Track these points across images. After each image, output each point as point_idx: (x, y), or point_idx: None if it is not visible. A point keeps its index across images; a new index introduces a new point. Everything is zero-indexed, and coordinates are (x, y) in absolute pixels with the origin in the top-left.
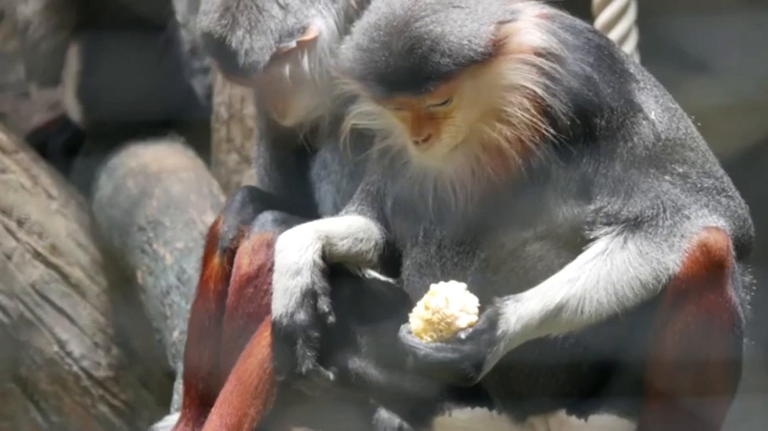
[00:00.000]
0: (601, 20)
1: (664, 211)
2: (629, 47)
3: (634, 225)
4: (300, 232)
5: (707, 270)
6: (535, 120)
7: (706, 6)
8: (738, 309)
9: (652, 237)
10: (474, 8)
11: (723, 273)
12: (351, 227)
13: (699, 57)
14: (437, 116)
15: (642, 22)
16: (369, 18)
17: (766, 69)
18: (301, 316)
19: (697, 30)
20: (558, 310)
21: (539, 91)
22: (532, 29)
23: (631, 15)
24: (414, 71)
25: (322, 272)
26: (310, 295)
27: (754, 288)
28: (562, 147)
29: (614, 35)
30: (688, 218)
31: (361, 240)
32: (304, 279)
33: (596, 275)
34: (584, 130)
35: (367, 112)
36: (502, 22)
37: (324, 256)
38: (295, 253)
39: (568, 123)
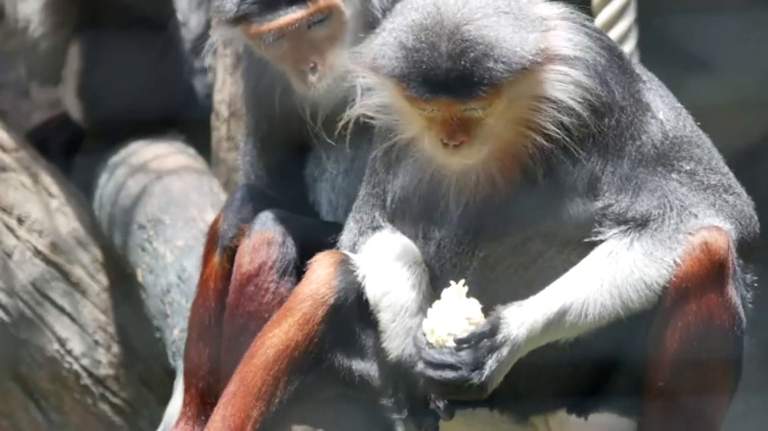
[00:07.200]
0: (601, 19)
1: (671, 210)
2: (629, 46)
3: (641, 224)
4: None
5: (708, 270)
6: (560, 130)
7: (707, 5)
8: (739, 309)
9: (658, 236)
10: (518, 14)
11: (724, 272)
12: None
13: (699, 56)
14: (470, 120)
15: (642, 20)
16: (411, 16)
17: (766, 67)
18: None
19: (697, 29)
20: (561, 314)
21: (574, 105)
22: (567, 38)
23: (631, 14)
24: (465, 75)
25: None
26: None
27: (756, 286)
28: (572, 147)
29: (614, 34)
30: (696, 216)
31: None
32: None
33: (600, 278)
34: (595, 129)
35: (381, 105)
36: (544, 31)
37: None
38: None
39: (581, 123)
